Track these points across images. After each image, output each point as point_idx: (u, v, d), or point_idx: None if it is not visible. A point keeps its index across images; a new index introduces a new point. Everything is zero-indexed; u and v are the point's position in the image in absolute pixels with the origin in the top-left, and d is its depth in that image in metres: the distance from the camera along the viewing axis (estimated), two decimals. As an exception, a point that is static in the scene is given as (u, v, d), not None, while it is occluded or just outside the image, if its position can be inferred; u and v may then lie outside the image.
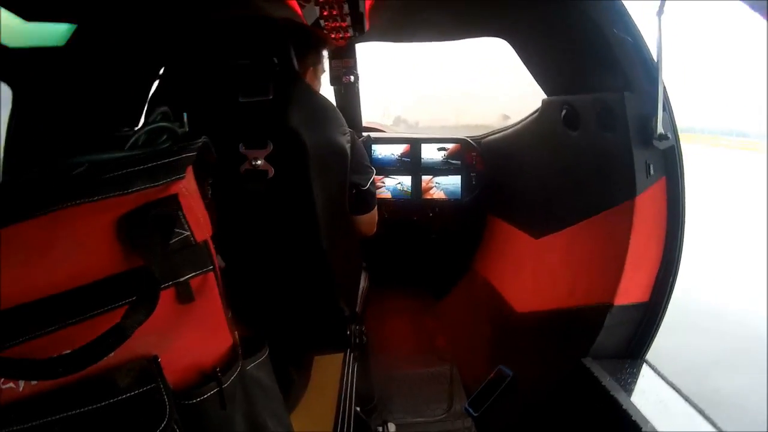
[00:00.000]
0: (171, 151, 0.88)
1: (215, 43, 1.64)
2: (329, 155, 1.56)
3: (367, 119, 3.30)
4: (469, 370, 2.60)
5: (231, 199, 1.51)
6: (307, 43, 1.74)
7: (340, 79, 2.90)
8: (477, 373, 2.42)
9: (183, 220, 0.89)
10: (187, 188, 0.90)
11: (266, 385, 1.12)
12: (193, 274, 0.90)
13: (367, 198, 1.86)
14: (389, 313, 3.20)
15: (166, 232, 0.85)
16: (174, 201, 0.87)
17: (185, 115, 1.27)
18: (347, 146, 1.63)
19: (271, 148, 1.46)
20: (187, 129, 1.27)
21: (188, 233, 0.90)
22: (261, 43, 1.52)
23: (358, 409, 1.97)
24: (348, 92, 3.02)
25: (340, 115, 1.66)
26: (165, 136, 0.95)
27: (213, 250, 0.95)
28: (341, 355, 1.98)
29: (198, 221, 0.92)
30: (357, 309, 2.00)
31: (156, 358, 0.82)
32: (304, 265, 1.65)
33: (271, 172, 1.47)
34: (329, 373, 1.85)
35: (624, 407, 1.50)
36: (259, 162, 1.46)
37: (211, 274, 0.93)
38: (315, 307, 1.75)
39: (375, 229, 2.02)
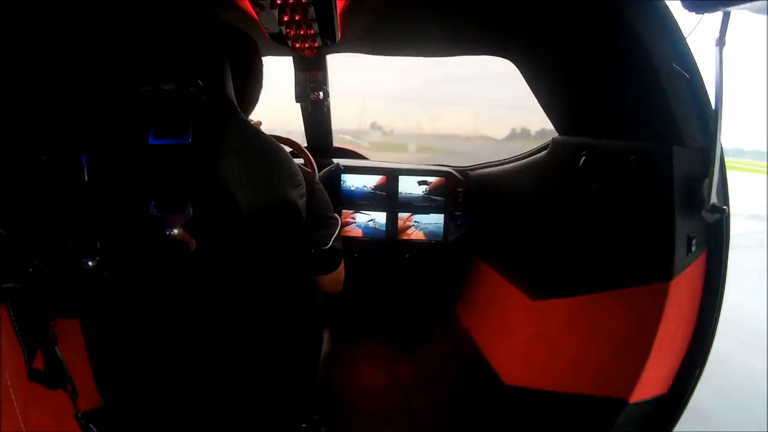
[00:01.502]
0: None
1: (122, 59, 1.22)
2: (274, 219, 1.17)
3: (341, 128, 2.92)
4: None
5: (140, 276, 1.15)
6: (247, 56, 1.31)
7: (307, 95, 2.51)
8: None
9: None
10: None
11: None
12: None
13: (329, 257, 1.45)
14: (359, 365, 2.84)
15: None
16: None
17: (84, 159, 1.07)
18: (301, 202, 1.22)
19: (191, 212, 1.06)
20: (86, 178, 1.06)
21: None
22: (180, 59, 1.11)
23: None
24: (316, 110, 2.64)
25: (291, 160, 1.23)
26: None
27: None
28: None
29: None
30: (317, 382, 1.65)
31: None
32: (243, 352, 1.28)
33: (193, 245, 1.07)
34: None
35: None
36: (175, 231, 1.05)
37: None
38: (261, 406, 1.38)
39: (341, 287, 1.62)
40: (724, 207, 1.33)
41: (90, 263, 1.07)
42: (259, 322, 1.26)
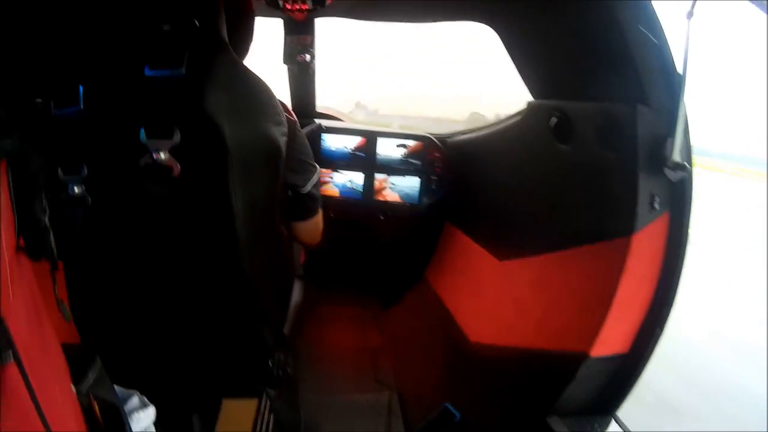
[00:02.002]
0: None
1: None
2: (256, 152, 1.23)
3: (325, 104, 3.01)
4: (412, 401, 2.31)
5: (124, 201, 1.19)
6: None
7: (294, 57, 2.55)
8: (421, 406, 2.16)
9: None
10: None
11: None
12: None
13: (306, 202, 1.52)
14: (327, 323, 2.89)
15: None
16: None
17: (81, 89, 1.10)
18: (282, 140, 1.28)
19: (179, 138, 1.12)
20: (81, 106, 1.11)
21: None
22: (179, 2, 1.18)
23: None
24: (302, 73, 2.68)
25: (276, 100, 1.31)
26: None
27: (11, 329, 0.58)
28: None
29: None
30: (285, 330, 1.72)
31: None
32: (217, 288, 1.32)
33: (177, 169, 1.13)
34: (241, 416, 1.51)
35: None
36: (162, 155, 1.11)
37: (11, 367, 0.57)
38: (228, 339, 1.43)
39: (320, 238, 1.69)
40: (686, 164, 1.36)
41: (76, 189, 1.11)
42: (233, 260, 1.29)
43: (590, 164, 1.62)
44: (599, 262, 1.55)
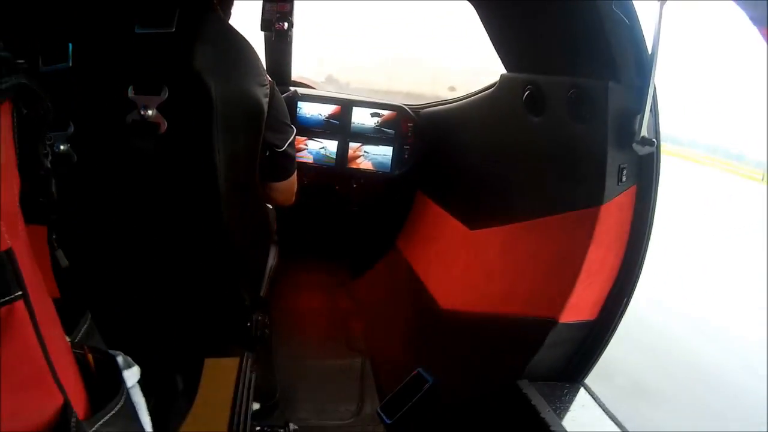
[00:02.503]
0: None
1: None
2: (240, 110, 1.27)
3: (298, 74, 2.99)
4: (384, 366, 2.37)
5: (109, 158, 1.21)
6: None
7: (272, 24, 2.54)
8: (393, 372, 2.20)
9: None
10: None
11: None
12: None
13: (283, 162, 1.57)
14: (300, 290, 2.93)
15: None
16: None
17: (70, 46, 1.13)
18: (264, 100, 1.32)
19: (167, 95, 1.14)
20: (70, 63, 1.13)
21: None
22: None
23: (256, 406, 1.71)
24: (279, 40, 2.66)
25: (260, 60, 1.35)
26: None
27: (19, 265, 0.57)
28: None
29: None
30: (262, 293, 1.75)
31: None
32: (198, 245, 1.36)
33: (164, 126, 1.16)
34: (223, 375, 1.54)
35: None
36: (149, 112, 1.14)
37: (20, 304, 0.56)
38: (209, 299, 1.46)
39: (294, 199, 1.74)
40: (654, 140, 1.41)
41: (61, 146, 1.13)
42: (214, 216, 1.32)
43: (561, 136, 1.66)
44: (569, 231, 1.60)
